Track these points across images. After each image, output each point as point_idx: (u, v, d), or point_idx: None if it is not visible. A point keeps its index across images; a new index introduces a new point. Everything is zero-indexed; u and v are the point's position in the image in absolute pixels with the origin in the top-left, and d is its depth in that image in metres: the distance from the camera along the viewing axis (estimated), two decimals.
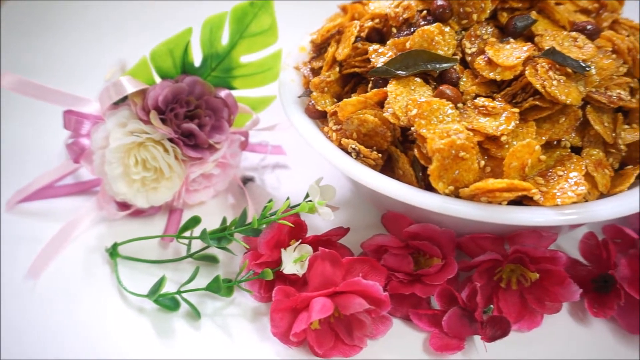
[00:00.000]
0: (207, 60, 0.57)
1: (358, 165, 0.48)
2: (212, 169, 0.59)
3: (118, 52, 0.75)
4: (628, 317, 0.49)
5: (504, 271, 0.51)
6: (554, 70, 0.46)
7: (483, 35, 0.50)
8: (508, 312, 0.49)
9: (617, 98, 0.48)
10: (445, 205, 0.44)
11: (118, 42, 0.87)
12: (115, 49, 0.82)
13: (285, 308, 0.48)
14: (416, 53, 0.48)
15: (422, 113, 0.45)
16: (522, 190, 0.43)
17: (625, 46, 0.51)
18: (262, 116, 0.64)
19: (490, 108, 0.46)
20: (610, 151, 0.48)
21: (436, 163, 0.43)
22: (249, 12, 0.55)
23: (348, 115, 0.49)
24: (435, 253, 0.50)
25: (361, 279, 0.46)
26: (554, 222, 0.43)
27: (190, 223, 0.54)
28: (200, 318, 0.51)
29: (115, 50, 0.79)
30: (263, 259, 0.51)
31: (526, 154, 0.44)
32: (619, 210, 0.44)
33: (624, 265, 0.50)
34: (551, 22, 0.52)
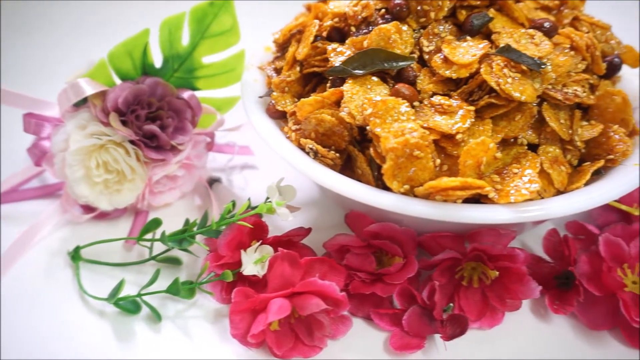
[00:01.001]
0: (169, 61, 0.56)
1: (315, 165, 0.47)
2: (177, 171, 0.59)
3: (87, 54, 0.74)
4: (588, 313, 0.49)
5: (465, 269, 0.51)
6: (509, 67, 0.46)
7: (441, 33, 0.50)
8: (469, 310, 0.49)
9: (573, 95, 0.48)
10: (399, 205, 0.43)
11: (88, 43, 0.87)
12: (85, 51, 0.81)
13: (245, 309, 0.47)
14: (373, 52, 0.48)
15: (377, 112, 0.45)
16: (477, 188, 0.43)
17: (584, 43, 0.51)
18: (230, 117, 0.64)
19: (446, 106, 0.46)
20: (567, 148, 0.48)
21: (390, 162, 0.43)
22: (209, 12, 0.55)
23: (306, 115, 0.49)
24: (396, 252, 0.50)
25: (317, 279, 0.45)
26: (506, 219, 0.43)
27: (152, 225, 0.53)
28: (160, 320, 0.50)
29: (85, 52, 0.79)
30: (224, 261, 0.51)
31: (481, 151, 0.44)
32: (572, 208, 0.44)
33: (583, 261, 0.50)
34: (510, 20, 0.52)
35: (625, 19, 0.91)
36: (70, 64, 0.76)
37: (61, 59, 0.84)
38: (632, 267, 0.49)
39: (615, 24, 0.58)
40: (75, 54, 0.84)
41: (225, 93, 0.62)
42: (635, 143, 0.51)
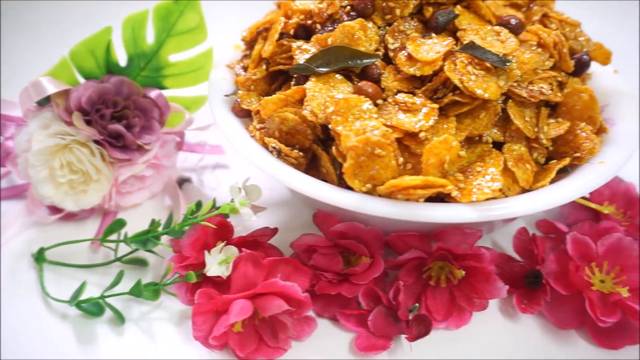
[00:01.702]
0: (134, 60, 0.56)
1: (278, 164, 0.47)
2: (144, 171, 0.58)
3: (58, 53, 0.73)
4: (555, 312, 0.49)
5: (433, 269, 0.50)
6: (473, 65, 0.46)
7: (406, 30, 0.49)
8: (435, 310, 0.49)
9: (538, 92, 0.47)
10: (360, 204, 0.43)
11: (57, 43, 0.86)
12: (55, 50, 0.80)
13: (208, 311, 0.47)
14: (337, 49, 0.48)
15: (339, 110, 0.44)
16: (439, 186, 0.42)
17: (552, 40, 0.51)
18: (201, 115, 0.63)
19: (410, 104, 0.45)
20: (533, 146, 0.48)
21: (350, 161, 0.42)
22: (174, 10, 0.54)
23: (270, 113, 0.48)
24: (362, 252, 0.50)
25: (279, 280, 0.45)
26: (468, 218, 0.42)
27: (115, 226, 0.52)
28: (124, 323, 0.50)
29: (56, 52, 0.78)
30: (188, 262, 0.50)
31: (443, 150, 0.43)
32: (534, 206, 0.43)
33: (551, 260, 0.50)
34: (477, 17, 0.51)
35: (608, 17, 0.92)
36: (41, 64, 0.75)
37: (31, 59, 0.83)
38: (599, 266, 0.49)
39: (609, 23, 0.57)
40: (44, 53, 0.82)
41: (195, 92, 0.61)
42: (602, 141, 0.50)
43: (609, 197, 0.57)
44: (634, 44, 0.87)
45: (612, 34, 0.86)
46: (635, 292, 0.47)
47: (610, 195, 0.57)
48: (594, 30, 0.62)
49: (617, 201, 0.57)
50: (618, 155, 0.48)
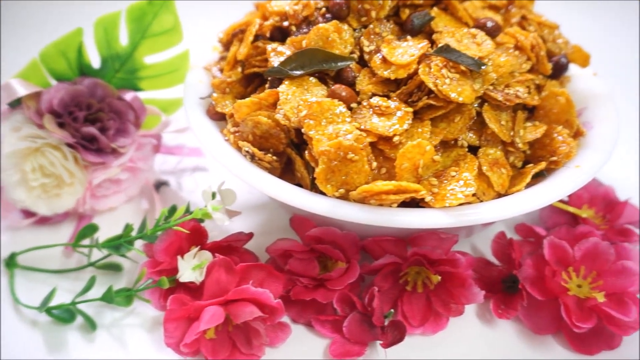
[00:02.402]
0: (108, 62, 0.55)
1: (250, 168, 0.46)
2: (120, 174, 0.57)
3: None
4: (532, 317, 0.49)
5: (409, 274, 0.50)
6: (448, 68, 0.45)
7: (382, 32, 0.49)
8: (411, 315, 0.48)
9: (514, 96, 0.47)
10: (333, 209, 0.42)
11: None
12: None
13: (180, 317, 0.46)
14: (311, 52, 0.47)
15: (312, 114, 0.44)
16: (412, 192, 0.42)
17: (529, 42, 0.50)
18: (180, 118, 0.62)
19: (384, 108, 0.45)
20: (510, 150, 0.47)
21: (322, 165, 0.42)
22: (148, 11, 0.53)
23: (243, 116, 0.47)
24: (338, 257, 0.49)
25: (250, 287, 0.44)
26: (440, 224, 0.42)
27: (87, 231, 0.52)
28: (95, 329, 0.49)
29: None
30: (162, 267, 0.49)
31: (417, 154, 0.43)
32: (508, 211, 0.43)
33: (528, 265, 0.49)
34: (454, 19, 0.51)
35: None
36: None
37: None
38: (576, 271, 0.49)
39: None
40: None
41: (172, 94, 0.61)
42: (579, 144, 0.50)
43: (589, 201, 0.57)
44: (615, 45, 0.87)
45: (594, 35, 0.86)
46: (611, 297, 0.47)
47: (589, 198, 0.57)
48: (576, 31, 0.62)
49: (597, 204, 0.57)
50: (594, 160, 0.47)
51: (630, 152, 0.67)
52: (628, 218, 0.56)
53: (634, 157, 0.67)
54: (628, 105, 0.74)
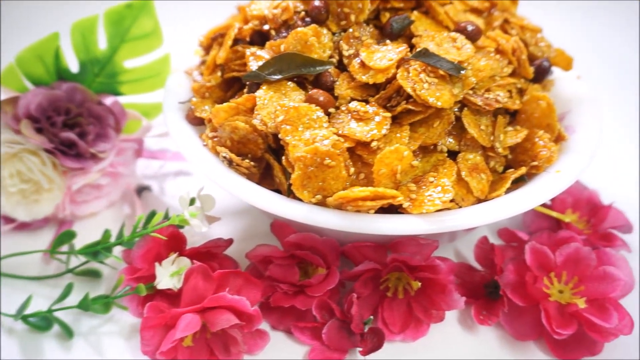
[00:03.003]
0: (87, 66, 0.54)
1: (227, 174, 0.46)
2: (100, 179, 0.57)
3: None
4: (514, 323, 0.48)
5: (390, 280, 0.49)
6: (427, 72, 0.45)
7: (362, 36, 0.48)
8: (392, 322, 0.48)
9: (494, 100, 0.46)
10: (309, 216, 0.42)
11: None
12: None
13: (157, 325, 0.45)
14: (289, 57, 0.47)
15: (289, 119, 0.43)
16: (389, 198, 0.41)
17: (510, 46, 0.50)
18: (162, 122, 0.62)
19: (362, 112, 0.44)
20: (490, 155, 0.47)
21: (298, 172, 0.41)
22: (126, 15, 0.53)
23: (221, 121, 0.47)
24: (318, 263, 0.49)
25: (227, 294, 0.44)
26: (417, 230, 0.41)
27: (65, 237, 0.51)
28: (72, 337, 0.48)
29: None
30: (140, 274, 0.49)
31: (395, 160, 0.42)
32: (486, 217, 0.42)
33: (509, 270, 0.49)
34: (435, 23, 0.50)
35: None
36: None
37: None
38: (558, 276, 0.48)
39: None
40: None
41: (154, 98, 0.60)
42: (561, 149, 0.49)
43: (572, 205, 0.57)
44: (600, 48, 0.86)
45: (580, 38, 0.86)
46: (593, 303, 0.46)
47: (573, 202, 0.57)
48: (562, 33, 0.62)
49: (581, 208, 0.57)
50: (575, 164, 0.47)
51: (615, 155, 0.67)
52: (612, 222, 0.55)
53: (618, 161, 0.66)
54: (615, 108, 0.74)
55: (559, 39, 0.58)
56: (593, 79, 0.59)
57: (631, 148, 0.69)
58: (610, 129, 0.69)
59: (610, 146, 0.66)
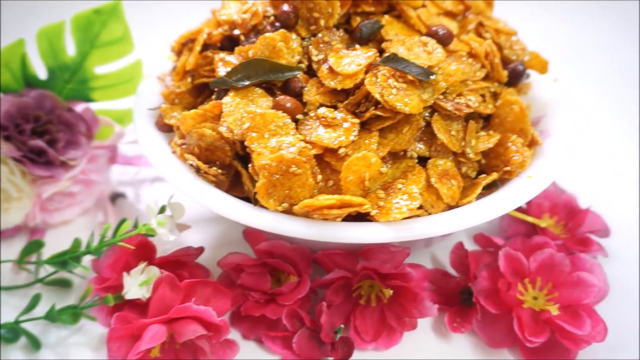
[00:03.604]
0: (56, 72, 0.53)
1: (194, 181, 0.45)
2: (71, 187, 0.56)
3: None
4: (487, 330, 0.48)
5: (363, 287, 0.49)
6: (395, 77, 0.44)
7: (332, 41, 0.48)
8: (364, 330, 0.47)
9: (464, 105, 0.46)
10: (275, 224, 0.41)
11: None
12: None
13: (123, 336, 0.45)
14: (257, 62, 0.46)
15: (255, 126, 0.43)
16: (356, 205, 0.41)
17: (483, 50, 0.49)
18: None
19: (330, 119, 0.44)
20: (461, 160, 0.46)
21: (263, 179, 0.41)
22: (95, 20, 0.52)
23: (189, 128, 0.46)
24: (289, 270, 0.48)
25: (192, 305, 0.43)
26: (383, 238, 0.41)
27: (32, 247, 0.50)
28: (39, 349, 0.47)
29: None
30: (109, 283, 0.48)
31: (362, 167, 0.42)
32: (453, 226, 0.42)
33: (483, 277, 0.48)
34: (407, 27, 0.50)
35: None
36: None
37: None
38: (532, 282, 0.48)
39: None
40: None
41: (127, 104, 0.59)
42: (535, 153, 0.49)
43: (550, 209, 0.56)
44: (578, 50, 0.86)
45: (558, 40, 0.85)
46: (566, 309, 0.46)
47: (550, 206, 0.56)
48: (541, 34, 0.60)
49: (558, 213, 0.56)
50: (548, 170, 0.46)
51: (594, 158, 0.66)
52: (589, 226, 0.55)
53: (597, 163, 0.66)
54: (593, 111, 0.73)
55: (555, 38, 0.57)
56: (571, 82, 0.59)
57: (611, 150, 0.68)
58: (589, 131, 0.69)
59: (589, 149, 0.66)
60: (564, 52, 0.83)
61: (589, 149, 0.66)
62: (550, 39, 0.85)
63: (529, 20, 0.87)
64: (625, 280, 0.53)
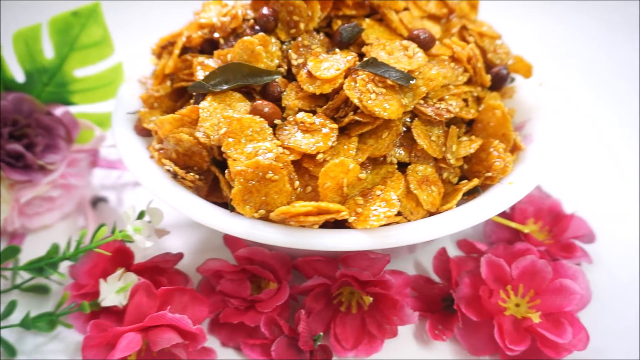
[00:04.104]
0: (34, 76, 0.53)
1: (170, 187, 0.44)
2: (51, 191, 0.55)
3: None
4: (469, 338, 0.47)
5: (343, 294, 0.48)
6: (374, 82, 0.43)
7: (312, 45, 0.47)
8: (344, 337, 0.47)
9: (445, 110, 0.45)
10: (250, 231, 0.41)
11: None
12: None
13: (99, 344, 0.44)
14: (235, 66, 0.45)
15: (232, 131, 0.42)
16: (333, 212, 0.40)
17: (466, 54, 0.49)
18: None
19: (309, 124, 0.43)
20: (442, 166, 0.46)
21: (238, 186, 0.40)
22: (73, 23, 0.51)
23: (167, 133, 0.45)
24: (269, 277, 0.47)
25: (167, 313, 0.42)
26: (360, 246, 0.40)
27: (8, 253, 0.50)
28: (15, 356, 0.47)
29: None
30: (85, 290, 0.47)
31: (340, 173, 0.41)
32: (432, 233, 0.41)
33: (465, 284, 0.48)
34: (389, 31, 0.49)
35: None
36: None
37: None
38: (515, 289, 0.47)
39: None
40: None
41: (108, 108, 0.59)
42: (517, 159, 0.48)
43: (534, 214, 0.55)
44: (564, 53, 0.85)
45: (542, 43, 0.85)
46: (548, 317, 0.45)
47: (535, 212, 0.55)
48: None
49: (543, 218, 0.56)
50: (529, 176, 0.46)
51: (580, 163, 0.66)
52: (574, 232, 0.54)
53: (583, 168, 0.65)
54: (580, 115, 0.73)
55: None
56: (558, 86, 0.58)
57: (598, 155, 0.68)
58: (576, 136, 0.68)
59: (576, 153, 0.65)
60: (549, 55, 0.83)
61: (576, 153, 0.65)
62: (536, 41, 0.85)
63: (519, 21, 0.86)
64: (609, 286, 0.52)
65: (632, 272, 0.54)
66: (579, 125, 0.70)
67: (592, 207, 0.58)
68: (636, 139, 0.69)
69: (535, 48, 0.67)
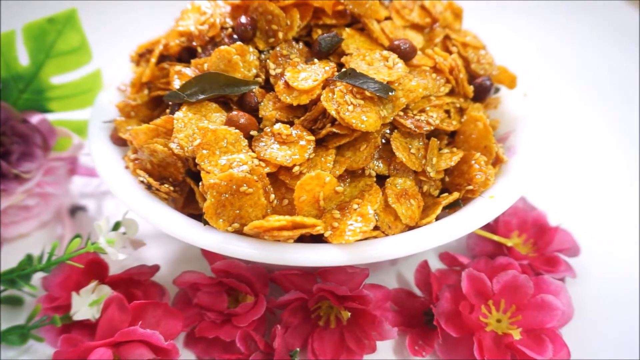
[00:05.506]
0: (9, 83, 0.52)
1: (143, 198, 0.43)
2: (27, 200, 0.54)
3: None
4: (449, 354, 0.46)
5: (322, 308, 0.47)
6: (352, 93, 0.42)
7: (290, 55, 0.46)
8: (322, 353, 0.46)
9: (425, 122, 0.44)
10: (222, 245, 0.40)
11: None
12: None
13: (69, 359, 0.43)
14: (211, 76, 0.44)
15: (206, 143, 0.41)
16: (309, 226, 0.39)
17: (448, 65, 0.48)
18: None
19: (286, 136, 0.42)
20: (422, 179, 0.45)
21: (211, 199, 0.39)
22: (49, 29, 0.50)
23: (141, 143, 0.45)
24: (246, 290, 0.46)
25: (138, 328, 0.41)
26: (334, 261, 0.39)
27: None
28: None
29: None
30: (58, 303, 0.46)
31: (316, 186, 0.40)
32: (408, 249, 0.40)
33: (446, 299, 0.47)
34: (370, 40, 0.48)
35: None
36: None
37: None
38: (496, 304, 0.46)
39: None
40: None
41: (87, 115, 0.58)
42: (499, 171, 0.47)
43: (519, 226, 0.55)
44: (551, 64, 0.85)
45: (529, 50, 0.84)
46: (529, 333, 0.44)
47: (519, 224, 0.55)
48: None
49: (527, 230, 0.55)
50: (511, 190, 0.45)
51: (565, 175, 0.65)
52: (559, 245, 0.53)
53: (568, 180, 0.65)
54: (566, 126, 0.72)
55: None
56: (546, 96, 0.58)
57: (583, 167, 0.67)
58: (561, 147, 0.68)
59: (560, 165, 0.65)
60: (535, 64, 0.82)
61: (562, 165, 0.65)
62: (523, 51, 0.84)
63: (506, 30, 0.86)
64: (593, 301, 0.51)
65: (616, 286, 0.53)
66: (565, 136, 0.70)
67: (578, 219, 0.57)
68: (624, 151, 0.69)
69: (522, 57, 0.67)
